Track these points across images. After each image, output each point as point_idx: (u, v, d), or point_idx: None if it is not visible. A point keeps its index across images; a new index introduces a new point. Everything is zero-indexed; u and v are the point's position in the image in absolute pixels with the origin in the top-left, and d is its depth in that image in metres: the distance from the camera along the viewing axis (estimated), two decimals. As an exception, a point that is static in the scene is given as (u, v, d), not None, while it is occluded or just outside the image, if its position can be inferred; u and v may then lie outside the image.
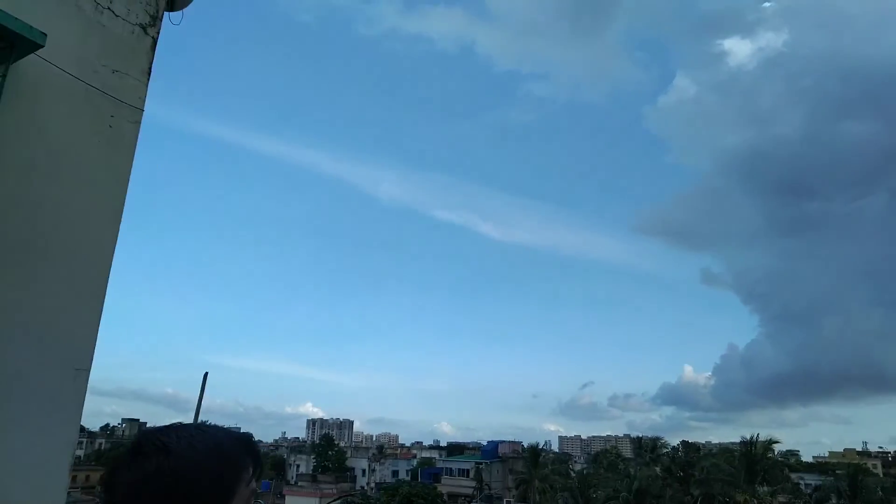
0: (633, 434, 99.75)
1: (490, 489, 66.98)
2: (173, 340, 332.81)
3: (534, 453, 65.75)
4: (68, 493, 4.69)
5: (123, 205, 5.28)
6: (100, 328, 4.53)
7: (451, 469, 73.95)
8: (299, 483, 74.57)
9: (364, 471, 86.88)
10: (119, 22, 5.20)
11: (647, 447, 76.09)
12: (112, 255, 5.01)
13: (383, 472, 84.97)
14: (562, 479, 64.06)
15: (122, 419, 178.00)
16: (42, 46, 4.12)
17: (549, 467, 70.26)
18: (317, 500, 59.05)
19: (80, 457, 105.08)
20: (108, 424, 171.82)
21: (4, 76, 4.10)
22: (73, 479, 79.22)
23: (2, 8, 3.82)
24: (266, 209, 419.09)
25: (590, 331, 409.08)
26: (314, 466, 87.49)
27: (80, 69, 4.82)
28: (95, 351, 4.59)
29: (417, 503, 41.39)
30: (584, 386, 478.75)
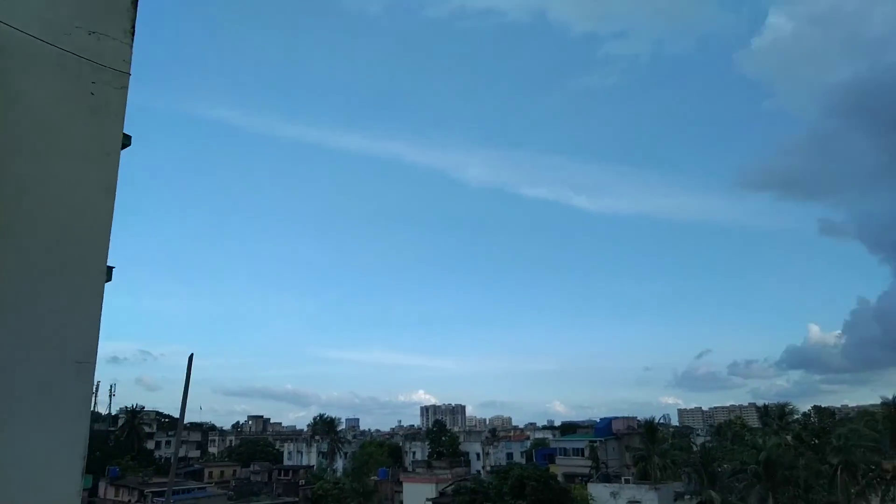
0: (759, 402, 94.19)
1: (607, 468, 65.31)
2: (290, 339, 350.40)
3: (650, 428, 63.40)
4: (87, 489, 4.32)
5: (116, 177, 4.80)
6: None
7: (565, 449, 72.83)
8: (416, 470, 76.00)
9: (478, 455, 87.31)
10: (90, -23, 4.74)
11: (774, 415, 71.83)
12: (108, 234, 4.55)
13: (497, 456, 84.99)
14: (683, 453, 61.32)
15: (248, 416, 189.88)
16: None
17: (669, 442, 67.67)
18: (433, 485, 59.89)
19: (213, 454, 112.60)
20: (237, 422, 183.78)
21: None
22: (209, 474, 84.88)
23: None
24: (359, 205, 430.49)
25: (701, 297, 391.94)
26: (429, 453, 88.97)
27: (48, 32, 4.35)
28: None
29: (530, 485, 40.71)
30: (701, 355, 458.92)
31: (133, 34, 4.83)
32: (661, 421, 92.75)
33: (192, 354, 4.94)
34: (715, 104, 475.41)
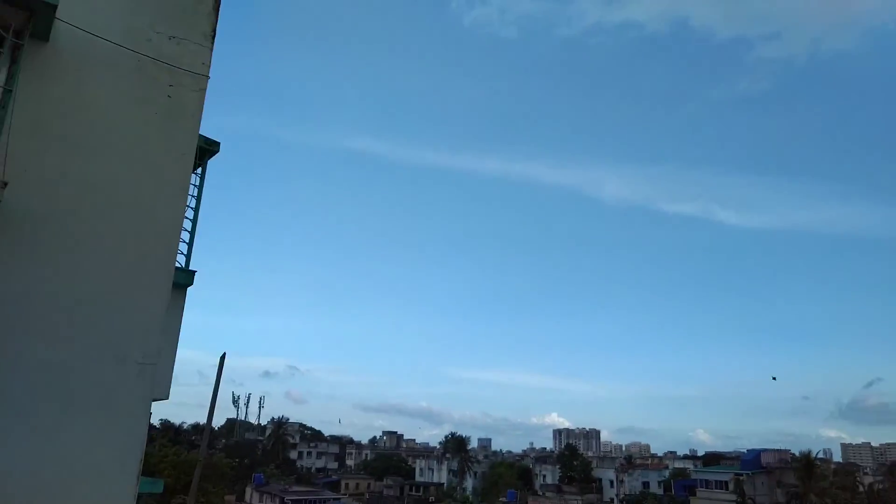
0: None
1: (755, 503, 59.80)
2: (426, 358, 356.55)
3: (807, 463, 57.50)
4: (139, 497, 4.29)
5: (189, 178, 4.82)
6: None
7: (706, 481, 67.62)
8: (546, 493, 74.08)
9: (612, 482, 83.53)
10: (174, -15, 4.88)
11: (961, 456, 62.36)
12: (178, 235, 4.56)
13: (632, 484, 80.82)
14: (847, 493, 54.82)
15: (383, 431, 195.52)
16: (56, 6, 3.78)
17: (829, 479, 60.85)
18: (562, 511, 58.03)
19: (349, 466, 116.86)
20: (374, 437, 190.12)
21: (21, 45, 3.82)
22: (345, 485, 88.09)
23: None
24: (496, 226, 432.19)
25: (870, 319, 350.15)
26: (559, 477, 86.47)
27: (130, 39, 4.46)
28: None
29: (665, 517, 38.12)
30: (871, 384, 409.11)
31: (213, 38, 4.87)
32: (821, 455, 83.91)
33: (223, 354, 4.90)
34: (887, 103, 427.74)
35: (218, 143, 5.54)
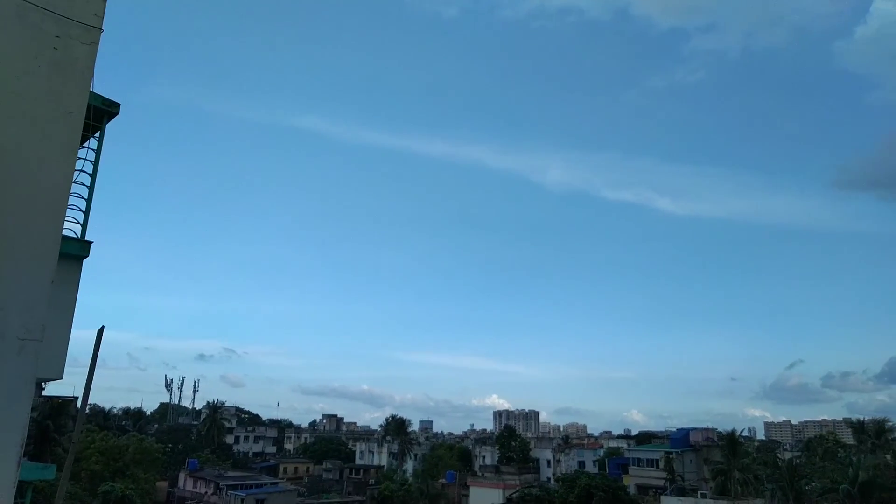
0: (854, 417, 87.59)
1: (683, 480, 62.29)
2: (367, 341, 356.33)
3: (731, 440, 60.00)
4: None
5: (77, 139, 4.43)
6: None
7: (639, 459, 70.09)
8: (485, 474, 75.18)
9: (549, 462, 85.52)
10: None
11: (871, 432, 66.61)
12: (66, 200, 4.18)
13: (569, 463, 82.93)
14: (767, 468, 57.65)
15: (323, 415, 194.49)
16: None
17: (752, 456, 63.96)
18: (500, 490, 58.89)
19: (288, 450, 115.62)
20: (314, 420, 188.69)
21: None
22: (283, 469, 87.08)
23: None
24: (440, 209, 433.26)
25: (794, 305, 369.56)
26: (498, 458, 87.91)
27: (8, -18, 4.07)
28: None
29: (597, 495, 39.16)
30: (792, 365, 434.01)
31: (107, -12, 4.48)
32: (745, 434, 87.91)
33: (101, 327, 4.57)
34: (811, 99, 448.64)
35: (118, 105, 5.11)
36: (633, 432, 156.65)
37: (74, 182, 5.29)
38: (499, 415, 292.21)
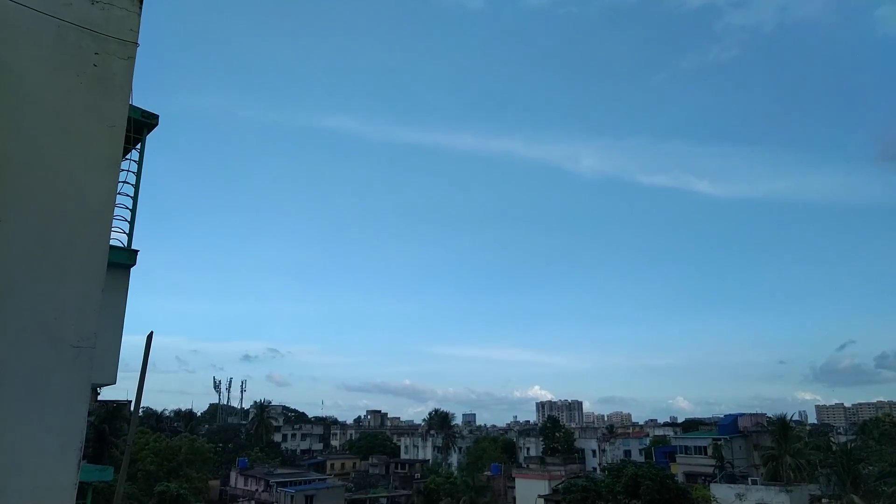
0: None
1: (732, 467, 61.17)
2: (408, 337, 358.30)
3: (782, 425, 58.67)
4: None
5: (120, 152, 4.57)
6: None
7: (686, 447, 69.09)
8: (529, 466, 75.08)
9: (594, 452, 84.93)
10: (94, -54, 4.55)
11: (930, 413, 64.30)
12: (111, 211, 4.32)
13: (614, 453, 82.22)
14: (820, 453, 56.24)
15: (367, 411, 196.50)
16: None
17: (804, 441, 62.42)
18: (545, 482, 58.74)
19: (334, 446, 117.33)
20: (358, 417, 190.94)
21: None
22: (330, 466, 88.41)
23: None
24: (474, 203, 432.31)
25: (843, 283, 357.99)
26: (542, 449, 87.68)
27: (48, 4, 4.21)
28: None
29: (645, 484, 38.73)
30: (843, 346, 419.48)
31: (141, 3, 4.58)
32: (796, 418, 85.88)
33: (151, 333, 4.69)
34: (852, 70, 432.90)
35: (157, 116, 5.26)
36: (679, 420, 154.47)
37: (119, 193, 5.46)
38: (542, 406, 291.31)
